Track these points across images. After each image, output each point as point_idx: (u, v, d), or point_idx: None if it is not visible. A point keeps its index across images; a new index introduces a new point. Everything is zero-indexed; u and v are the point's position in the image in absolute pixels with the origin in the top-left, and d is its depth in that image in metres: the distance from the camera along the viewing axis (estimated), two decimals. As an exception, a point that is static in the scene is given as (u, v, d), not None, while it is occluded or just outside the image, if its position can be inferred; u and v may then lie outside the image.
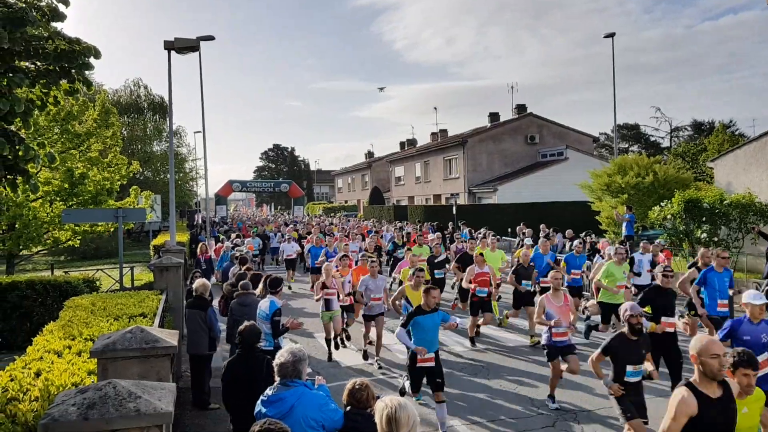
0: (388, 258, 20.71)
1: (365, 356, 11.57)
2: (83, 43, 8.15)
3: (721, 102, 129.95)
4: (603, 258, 13.97)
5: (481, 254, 13.13)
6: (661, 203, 21.19)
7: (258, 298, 9.87)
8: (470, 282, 12.56)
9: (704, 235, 19.39)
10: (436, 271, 15.09)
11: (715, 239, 19.42)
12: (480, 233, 22.19)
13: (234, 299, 9.98)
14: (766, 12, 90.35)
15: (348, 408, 4.58)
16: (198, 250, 18.92)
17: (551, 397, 8.77)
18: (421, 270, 10.28)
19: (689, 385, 4.51)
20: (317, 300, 11.77)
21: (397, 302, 10.37)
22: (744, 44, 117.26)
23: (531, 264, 13.37)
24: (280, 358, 4.65)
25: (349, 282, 12.37)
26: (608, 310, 11.64)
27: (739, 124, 78.28)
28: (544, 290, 12.78)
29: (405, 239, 21.34)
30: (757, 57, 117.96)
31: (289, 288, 19.80)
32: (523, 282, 12.90)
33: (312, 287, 19.19)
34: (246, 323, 6.49)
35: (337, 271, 12.37)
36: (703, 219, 19.66)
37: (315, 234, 22.33)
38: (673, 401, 4.50)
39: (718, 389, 4.49)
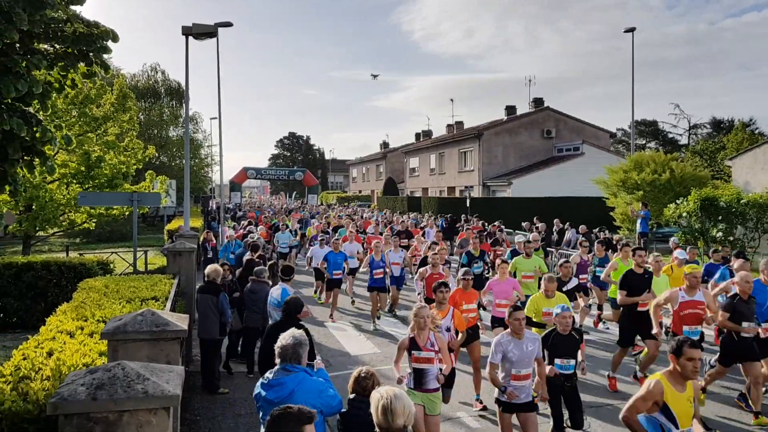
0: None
1: None
2: (101, 26, 8.21)
3: (741, 100, 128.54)
4: None
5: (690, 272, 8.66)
6: (677, 201, 21.02)
7: (268, 287, 9.96)
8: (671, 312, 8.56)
9: (720, 234, 19.22)
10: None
11: (731, 238, 19.24)
12: (526, 227, 20.10)
13: (248, 284, 10.13)
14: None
15: (353, 395, 4.61)
16: (202, 236, 18.96)
17: None
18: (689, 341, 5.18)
19: None
20: (399, 373, 6.02)
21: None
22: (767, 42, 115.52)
23: (753, 298, 8.62)
24: (282, 340, 4.70)
25: (449, 331, 7.29)
26: None
27: (759, 123, 76.60)
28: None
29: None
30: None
31: (320, 302, 15.72)
32: (744, 325, 8.48)
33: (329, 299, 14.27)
34: (291, 296, 7.26)
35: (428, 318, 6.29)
36: (719, 218, 19.48)
37: (348, 228, 18.75)
38: None
39: None
